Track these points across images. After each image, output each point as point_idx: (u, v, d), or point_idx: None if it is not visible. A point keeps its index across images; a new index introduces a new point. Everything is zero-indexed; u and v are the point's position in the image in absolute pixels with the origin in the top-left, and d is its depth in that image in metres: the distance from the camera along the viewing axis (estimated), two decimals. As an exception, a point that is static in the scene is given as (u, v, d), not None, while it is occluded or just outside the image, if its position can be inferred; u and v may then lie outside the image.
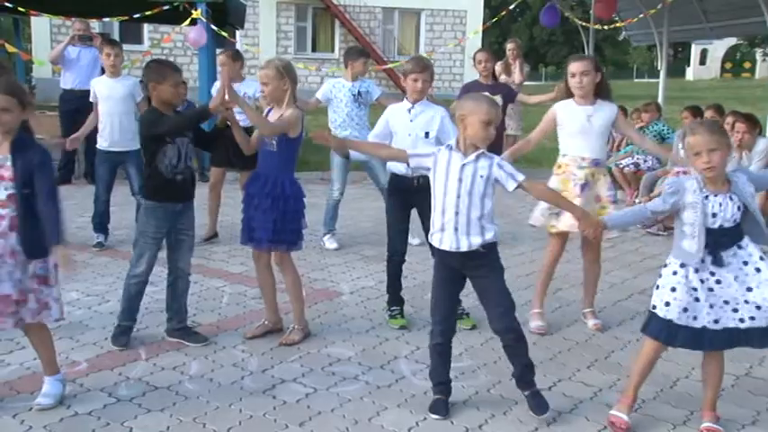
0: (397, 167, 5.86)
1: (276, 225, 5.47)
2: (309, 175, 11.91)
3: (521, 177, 4.37)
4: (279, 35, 32.16)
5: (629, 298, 6.81)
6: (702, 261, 4.08)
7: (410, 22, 33.40)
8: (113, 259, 7.81)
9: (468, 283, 4.57)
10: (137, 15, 14.40)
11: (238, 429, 4.27)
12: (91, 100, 8.28)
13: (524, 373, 4.51)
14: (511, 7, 17.34)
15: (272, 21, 31.91)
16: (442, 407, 4.49)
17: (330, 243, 8.46)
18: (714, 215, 4.06)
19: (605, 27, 15.03)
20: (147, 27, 28.41)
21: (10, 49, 15.15)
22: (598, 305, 6.30)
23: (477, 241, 4.35)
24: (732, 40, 53.54)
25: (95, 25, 17.08)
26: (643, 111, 11.71)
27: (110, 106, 8.06)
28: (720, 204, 4.07)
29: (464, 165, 4.32)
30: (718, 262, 4.07)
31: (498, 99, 8.54)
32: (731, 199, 4.08)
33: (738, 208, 4.08)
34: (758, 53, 60.95)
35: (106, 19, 16.84)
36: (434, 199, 4.44)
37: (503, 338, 4.48)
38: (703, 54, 63.39)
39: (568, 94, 5.93)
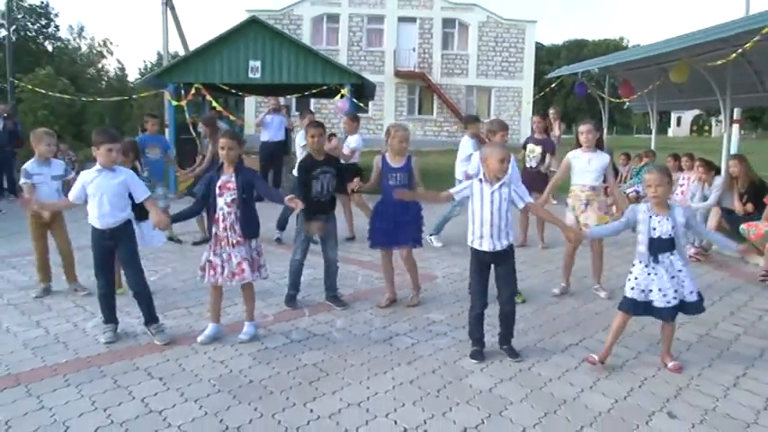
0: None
1: (415, 232, 5.59)
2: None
3: (528, 200, 4.51)
4: (396, 104, 32.36)
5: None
6: (649, 259, 4.16)
7: (484, 95, 33.10)
8: (287, 251, 7.96)
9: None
10: (306, 93, 14.71)
11: (368, 365, 4.32)
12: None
13: (507, 335, 4.55)
14: (552, 85, 17.23)
15: (392, 95, 32.12)
16: (479, 355, 4.46)
17: (437, 242, 8.37)
18: (654, 228, 4.16)
19: (616, 100, 14.69)
20: (313, 100, 29.02)
21: (232, 117, 15.75)
22: (610, 290, 6.11)
23: (504, 243, 4.39)
24: (697, 111, 53.64)
25: (282, 100, 17.55)
26: (644, 155, 11.45)
27: None
28: (659, 222, 4.15)
29: (492, 192, 4.36)
30: (656, 261, 4.15)
31: (539, 148, 8.50)
32: (667, 219, 4.15)
33: (672, 227, 4.13)
34: (713, 120, 61.74)
35: (288, 96, 17.29)
36: (473, 215, 4.44)
37: (504, 308, 4.48)
38: (679, 119, 67.39)
39: (578, 144, 6.11)
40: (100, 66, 44.44)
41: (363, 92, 16.05)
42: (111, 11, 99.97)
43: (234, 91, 14.96)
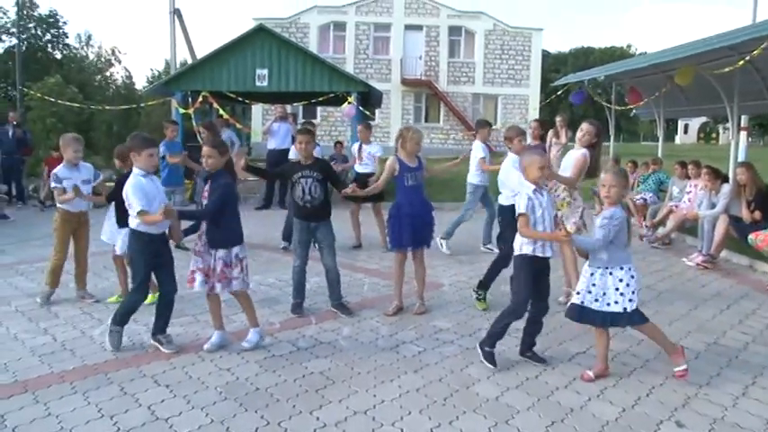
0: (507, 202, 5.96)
1: (431, 233, 5.73)
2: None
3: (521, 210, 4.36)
4: (403, 112, 32.40)
5: (638, 291, 6.53)
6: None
7: (491, 103, 33.11)
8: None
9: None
10: (314, 101, 14.75)
11: (374, 373, 4.31)
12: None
13: (533, 342, 4.55)
14: (558, 93, 17.23)
15: (399, 102, 32.17)
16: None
17: (446, 248, 8.31)
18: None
19: (622, 107, 14.69)
20: (319, 108, 29.11)
21: (238, 125, 15.81)
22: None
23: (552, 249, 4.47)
24: (704, 118, 53.45)
25: (288, 108, 17.61)
26: (651, 163, 11.37)
27: None
28: None
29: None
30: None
31: None
32: None
33: None
34: (721, 127, 61.32)
35: (295, 104, 17.35)
36: (535, 225, 4.37)
37: (542, 314, 4.50)
38: (686, 127, 66.33)
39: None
40: (108, 74, 44.71)
41: (370, 100, 16.09)
42: (120, 19, 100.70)
43: (241, 99, 15.02)
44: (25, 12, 38.02)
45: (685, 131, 66.27)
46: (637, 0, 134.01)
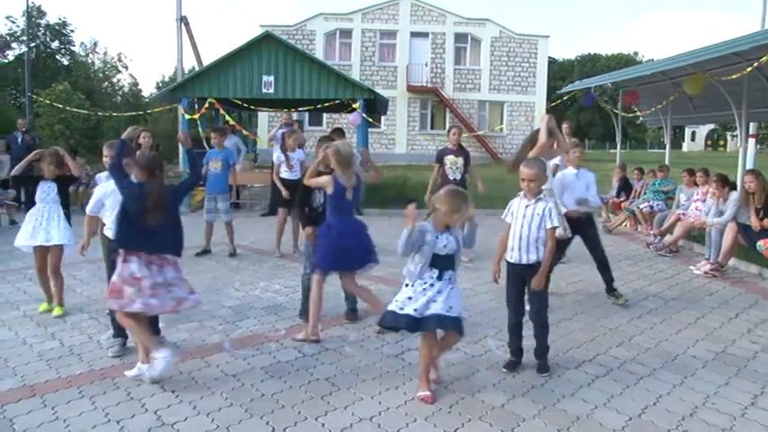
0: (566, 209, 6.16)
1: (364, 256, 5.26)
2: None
3: (555, 224, 4.40)
4: (409, 119, 32.44)
5: (646, 299, 6.53)
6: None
7: (497, 110, 33.13)
8: (301, 265, 7.97)
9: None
10: (319, 106, 14.80)
11: (379, 380, 4.31)
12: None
13: (541, 350, 4.50)
14: (564, 98, 17.30)
15: (405, 109, 32.22)
16: (513, 365, 4.49)
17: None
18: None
19: (629, 114, 14.70)
20: (325, 115, 29.17)
21: (245, 132, 15.88)
22: (630, 303, 6.24)
23: (532, 258, 4.42)
24: (712, 125, 53.24)
25: (294, 115, 17.68)
26: (658, 170, 11.36)
27: None
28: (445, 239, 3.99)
29: (527, 206, 4.45)
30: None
31: (461, 159, 8.40)
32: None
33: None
34: (729, 134, 60.82)
35: (301, 109, 17.41)
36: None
37: (534, 324, 4.50)
38: (693, 134, 65.68)
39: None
40: (115, 80, 44.97)
41: (376, 107, 16.13)
42: (128, 27, 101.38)
43: (247, 105, 15.09)
44: (34, 20, 38.27)
45: (692, 138, 65.83)
46: (644, 7, 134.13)
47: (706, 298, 6.68)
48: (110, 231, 4.78)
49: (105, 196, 5.12)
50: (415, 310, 3.90)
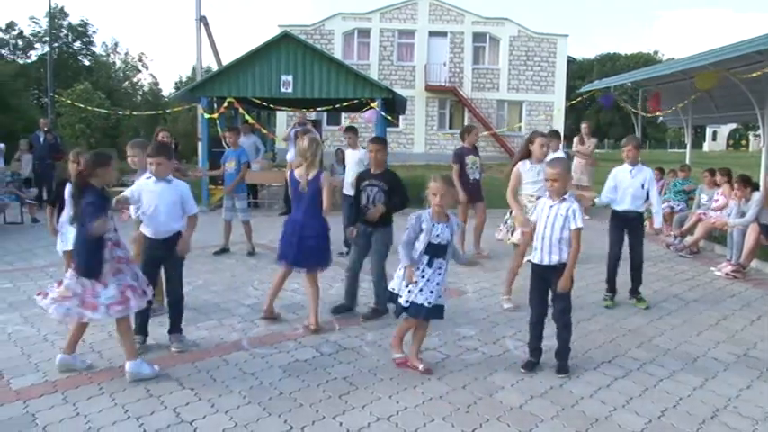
0: (620, 207, 6.19)
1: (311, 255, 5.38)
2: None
3: (579, 225, 4.35)
4: (427, 118, 32.41)
5: (666, 300, 6.47)
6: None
7: (515, 109, 32.98)
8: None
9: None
10: (338, 106, 14.82)
11: (397, 379, 4.31)
12: None
13: (562, 351, 4.46)
14: (582, 97, 17.18)
15: (423, 109, 32.19)
16: (531, 365, 4.48)
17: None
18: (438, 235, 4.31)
19: (648, 114, 14.56)
20: (343, 114, 29.24)
21: (263, 131, 15.95)
22: (650, 304, 6.21)
23: (554, 258, 4.39)
24: (734, 125, 52.50)
25: (313, 114, 17.70)
26: (680, 170, 11.24)
27: None
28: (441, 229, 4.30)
29: (551, 206, 4.43)
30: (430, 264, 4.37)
31: (479, 159, 8.40)
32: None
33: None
34: (751, 134, 60.08)
35: (320, 108, 17.44)
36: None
37: (557, 324, 4.46)
38: (714, 134, 64.66)
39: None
40: (135, 80, 45.41)
41: (394, 106, 16.10)
42: (148, 27, 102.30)
43: (265, 104, 15.15)
44: (56, 20, 38.75)
45: (714, 138, 64.90)
46: (665, 6, 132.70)
47: (727, 299, 6.60)
48: (146, 230, 4.81)
49: (140, 193, 4.99)
50: (406, 300, 4.31)
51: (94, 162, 4.17)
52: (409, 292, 4.29)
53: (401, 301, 4.33)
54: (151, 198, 4.76)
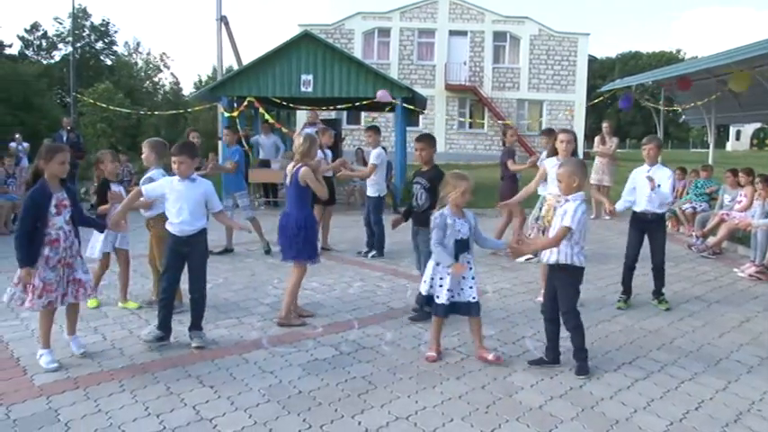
0: (638, 207, 6.13)
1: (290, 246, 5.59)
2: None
3: (567, 223, 4.31)
4: (447, 117, 32.33)
5: (687, 302, 6.40)
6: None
7: (536, 108, 32.80)
8: (337, 264, 8.07)
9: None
10: (357, 105, 14.85)
11: (416, 379, 4.30)
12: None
13: (576, 351, 4.43)
14: (604, 97, 17.06)
15: (443, 108, 32.10)
16: (538, 361, 4.56)
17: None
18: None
19: (670, 112, 14.40)
20: (363, 113, 29.25)
21: (284, 130, 16.02)
22: (672, 305, 6.14)
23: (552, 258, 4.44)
24: (758, 124, 51.64)
25: (332, 113, 17.71)
26: (702, 170, 11.11)
27: None
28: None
29: (560, 205, 4.53)
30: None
31: None
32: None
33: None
34: None
35: (339, 107, 17.50)
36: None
37: (566, 328, 4.46)
38: (738, 133, 62.92)
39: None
40: (156, 80, 45.84)
41: (414, 105, 16.10)
42: (169, 27, 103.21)
43: (286, 103, 15.23)
44: (79, 21, 39.22)
45: (737, 138, 63.55)
46: (689, 4, 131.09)
47: (751, 301, 6.51)
48: (171, 226, 4.86)
49: (162, 193, 4.99)
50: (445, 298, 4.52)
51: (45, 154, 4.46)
52: (449, 291, 4.48)
53: (440, 301, 4.51)
54: (176, 197, 4.82)
